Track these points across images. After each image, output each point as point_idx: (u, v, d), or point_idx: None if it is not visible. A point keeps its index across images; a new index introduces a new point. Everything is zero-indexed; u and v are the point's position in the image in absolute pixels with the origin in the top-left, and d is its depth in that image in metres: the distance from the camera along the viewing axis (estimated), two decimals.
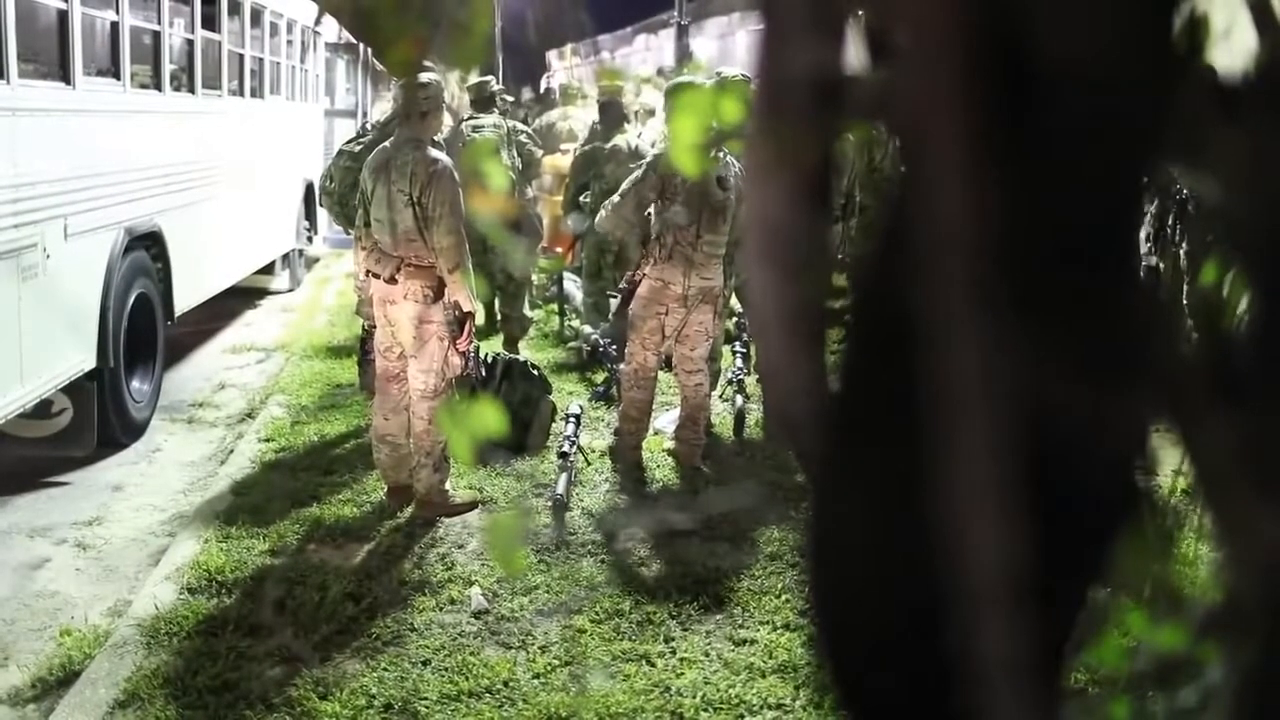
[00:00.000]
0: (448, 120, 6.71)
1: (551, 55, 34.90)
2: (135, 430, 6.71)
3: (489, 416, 1.01)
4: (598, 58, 34.60)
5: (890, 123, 0.63)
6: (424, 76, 5.28)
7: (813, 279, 0.85)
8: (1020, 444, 0.50)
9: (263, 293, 11.17)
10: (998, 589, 0.50)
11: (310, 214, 12.06)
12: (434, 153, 5.06)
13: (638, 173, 5.60)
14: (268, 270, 10.78)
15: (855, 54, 0.75)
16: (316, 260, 13.38)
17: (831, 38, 0.77)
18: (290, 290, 11.61)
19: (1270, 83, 0.63)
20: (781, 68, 0.77)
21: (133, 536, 5.42)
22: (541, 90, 24.61)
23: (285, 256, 11.29)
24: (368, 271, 5.19)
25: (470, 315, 5.13)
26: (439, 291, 5.04)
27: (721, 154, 5.65)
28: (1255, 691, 0.63)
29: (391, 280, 5.06)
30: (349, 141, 6.54)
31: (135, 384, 6.78)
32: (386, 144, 5.17)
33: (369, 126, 6.54)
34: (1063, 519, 0.52)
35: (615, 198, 5.60)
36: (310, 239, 12.22)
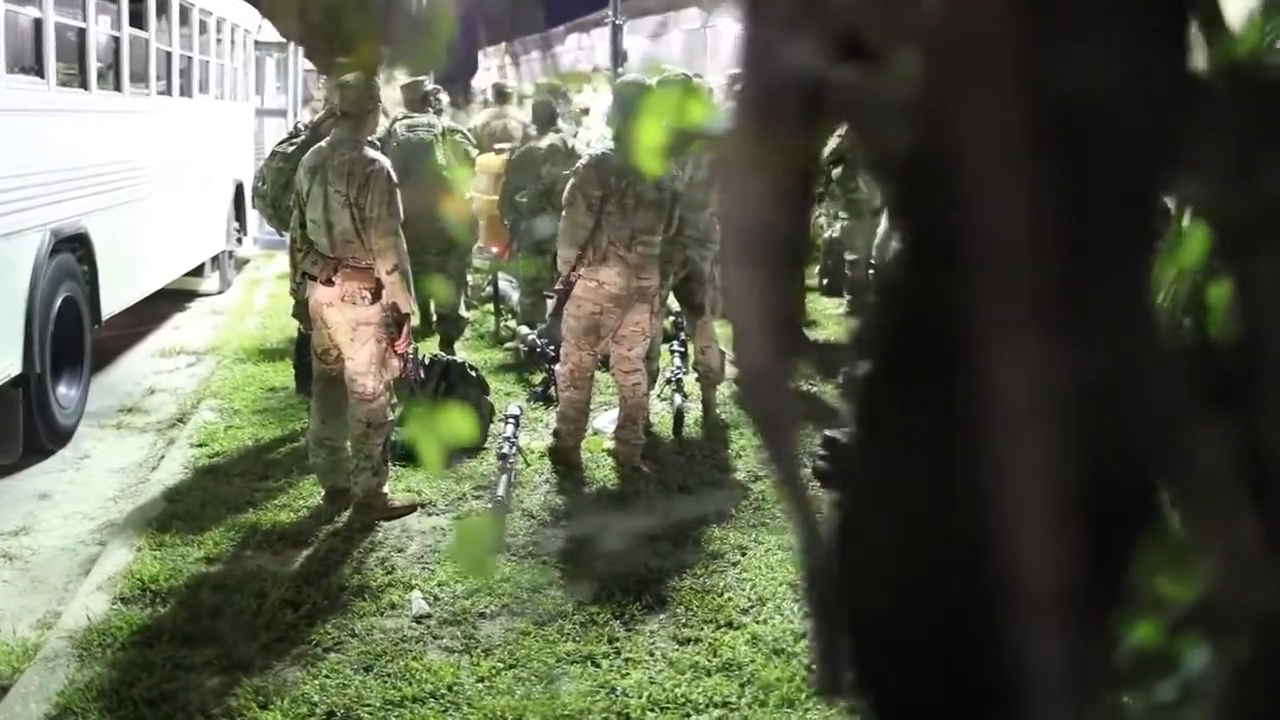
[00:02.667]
0: (381, 120, 6.64)
1: (482, 55, 34.76)
2: (62, 437, 6.56)
3: (456, 421, 1.00)
4: (529, 57, 34.50)
5: (920, 132, 0.63)
6: (360, 76, 5.23)
7: (790, 277, 0.85)
8: (1064, 444, 0.50)
9: (192, 295, 10.97)
10: (1045, 591, 0.51)
11: (240, 215, 11.87)
12: (371, 153, 5.01)
13: (575, 177, 5.58)
14: (197, 272, 10.59)
15: (836, 56, 0.75)
16: (246, 262, 13.17)
17: (813, 40, 0.77)
18: (220, 292, 11.41)
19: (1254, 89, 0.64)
20: (765, 69, 0.77)
21: (61, 546, 5.29)
22: (478, 91, 24.48)
23: (215, 258, 11.10)
24: (304, 273, 5.11)
25: (408, 317, 5.08)
26: (377, 293, 4.99)
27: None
28: (1246, 689, 0.64)
29: (328, 282, 5.00)
30: (281, 142, 6.44)
31: (62, 389, 6.63)
32: (322, 144, 5.11)
33: (302, 127, 6.45)
34: (1100, 520, 0.53)
35: (563, 211, 5.57)
36: (240, 240, 12.03)
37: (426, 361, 6.04)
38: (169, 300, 10.10)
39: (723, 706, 3.65)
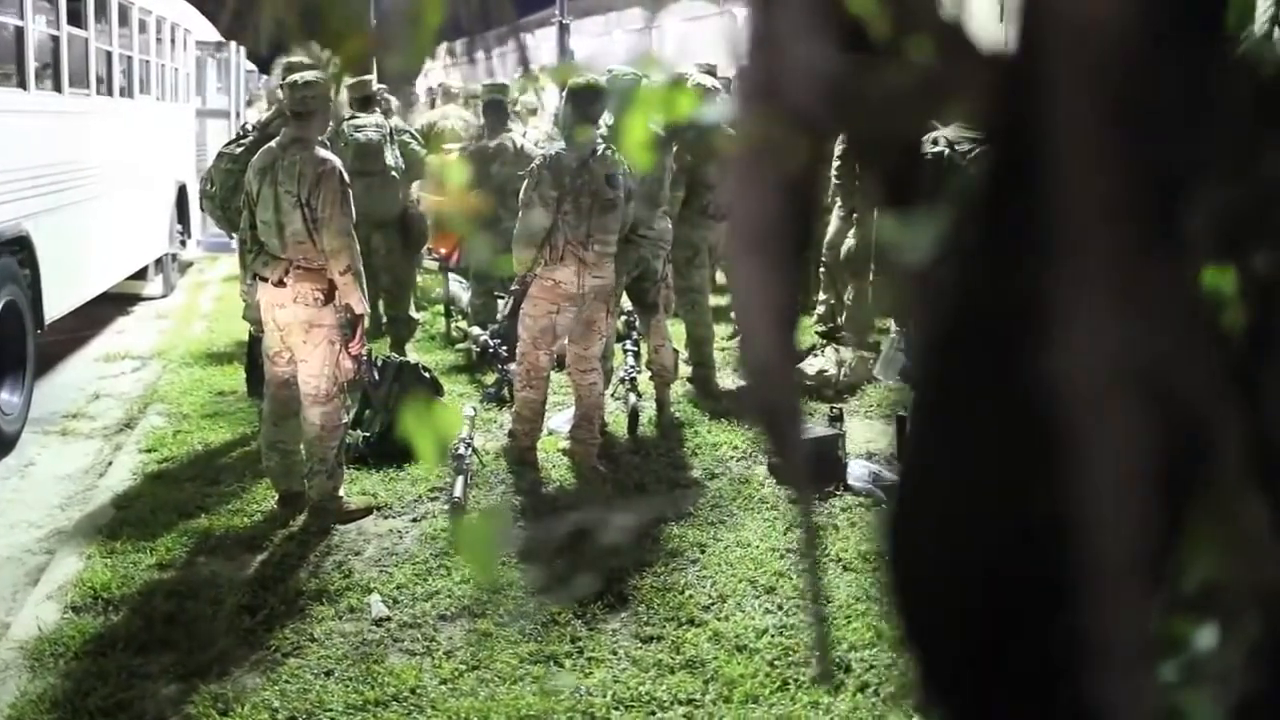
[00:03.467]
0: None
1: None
2: (5, 444, 6.44)
3: (452, 417, 0.99)
4: (472, 57, 34.33)
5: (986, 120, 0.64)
6: (308, 75, 5.18)
7: (797, 272, 0.85)
8: (1135, 424, 0.51)
9: (135, 299, 10.81)
10: (1113, 566, 0.52)
11: (183, 217, 11.72)
12: (322, 153, 4.97)
13: (531, 177, 5.56)
14: (140, 276, 10.43)
15: (845, 49, 0.75)
16: (190, 265, 13.01)
17: (824, 34, 0.77)
18: (164, 296, 11.26)
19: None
20: (776, 64, 0.78)
21: (7, 555, 5.19)
22: (419, 91, 24.26)
23: (158, 261, 10.94)
24: (255, 275, 5.05)
25: (362, 318, 5.04)
26: (329, 294, 4.94)
27: (610, 152, 5.65)
28: (1254, 669, 0.66)
29: (280, 284, 4.94)
30: (229, 143, 6.36)
31: (4, 395, 6.51)
32: (272, 144, 5.05)
33: (249, 128, 6.37)
34: (1162, 497, 0.54)
35: (520, 213, 5.54)
36: (184, 243, 11.86)
37: (379, 363, 5.99)
38: (112, 304, 9.94)
39: (688, 704, 3.65)
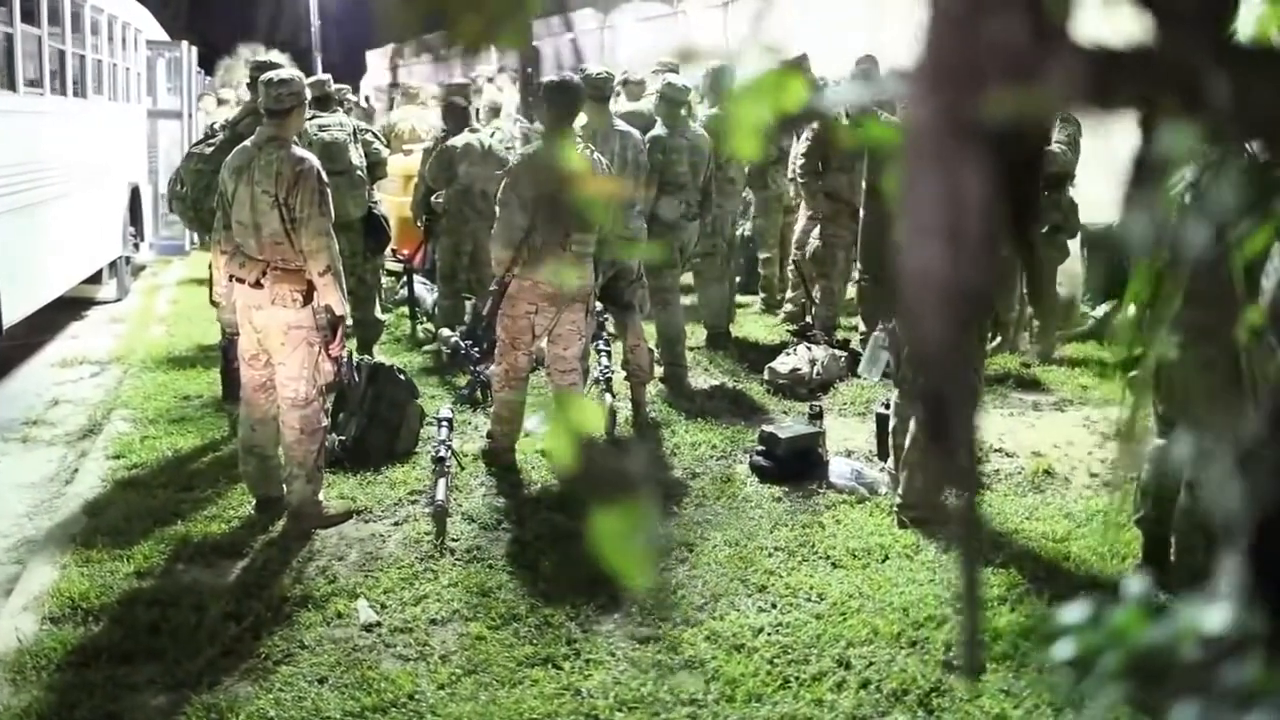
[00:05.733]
0: None
1: (373, 55, 34.22)
2: None
3: (591, 413, 0.96)
4: (422, 58, 34.07)
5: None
6: (284, 72, 5.10)
7: (991, 258, 0.83)
8: None
9: (88, 303, 10.60)
10: None
11: (136, 219, 11.51)
12: (299, 151, 4.88)
13: (509, 177, 5.51)
14: (94, 279, 10.22)
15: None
16: (142, 268, 12.78)
17: (1031, 12, 0.75)
18: (118, 299, 11.04)
19: None
20: (982, 47, 0.75)
21: None
22: (365, 92, 24.10)
23: (112, 264, 10.73)
24: (231, 276, 4.95)
25: (342, 319, 4.96)
26: (308, 295, 4.86)
27: (588, 150, 5.62)
28: None
29: (257, 285, 4.85)
30: (199, 143, 6.24)
31: None
32: (247, 144, 4.95)
33: (218, 127, 6.25)
34: None
35: (498, 213, 5.48)
36: (136, 245, 11.65)
37: (358, 365, 5.91)
38: (64, 309, 9.73)
39: (690, 704, 3.62)
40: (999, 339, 7.83)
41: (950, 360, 0.85)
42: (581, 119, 6.13)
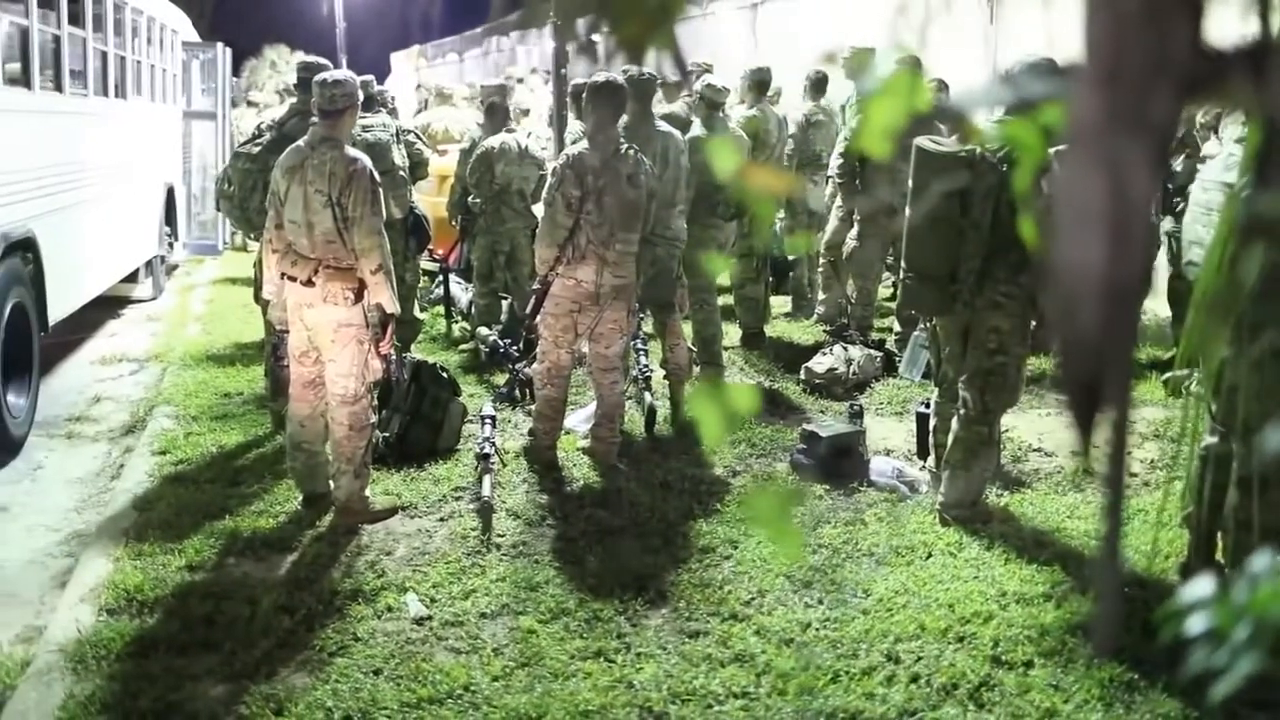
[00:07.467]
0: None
1: (397, 57, 34.37)
2: (13, 447, 6.38)
3: (744, 396, 1.00)
4: (445, 59, 34.22)
5: None
6: (338, 73, 5.17)
7: (1144, 250, 0.87)
8: None
9: (125, 301, 10.71)
10: None
11: (171, 219, 11.62)
12: (352, 152, 4.94)
13: (554, 177, 5.57)
14: (131, 278, 10.33)
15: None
16: (175, 267, 12.89)
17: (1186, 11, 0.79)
18: (153, 298, 11.15)
19: None
20: (1140, 43, 0.79)
21: (29, 559, 5.14)
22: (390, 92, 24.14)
23: (148, 263, 10.85)
24: (282, 274, 5.02)
25: (393, 317, 5.02)
26: (359, 293, 4.92)
27: (632, 151, 5.65)
28: None
29: (309, 283, 4.91)
30: (245, 143, 6.31)
31: (11, 398, 6.43)
32: (300, 143, 5.01)
33: (264, 127, 6.32)
34: None
35: (542, 213, 5.54)
36: (171, 245, 11.76)
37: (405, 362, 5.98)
38: (103, 307, 9.84)
39: (743, 697, 3.66)
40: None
41: (1111, 349, 0.89)
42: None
